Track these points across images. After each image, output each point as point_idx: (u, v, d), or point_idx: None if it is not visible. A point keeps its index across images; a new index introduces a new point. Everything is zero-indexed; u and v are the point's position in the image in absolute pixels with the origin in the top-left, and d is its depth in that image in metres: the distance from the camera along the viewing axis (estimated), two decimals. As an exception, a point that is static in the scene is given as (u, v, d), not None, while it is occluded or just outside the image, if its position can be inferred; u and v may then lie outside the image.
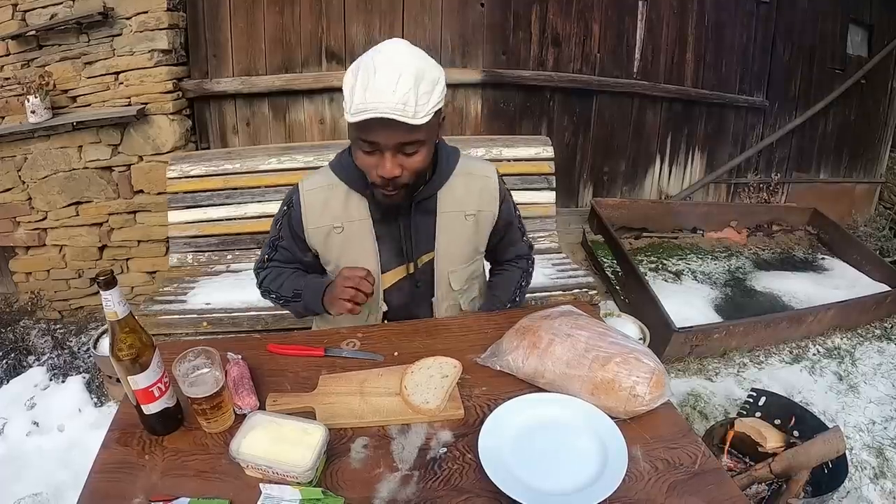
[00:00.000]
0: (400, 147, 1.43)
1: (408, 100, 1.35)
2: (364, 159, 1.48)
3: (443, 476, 1.13)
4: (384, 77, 1.35)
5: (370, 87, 1.35)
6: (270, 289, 1.81)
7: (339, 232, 1.69)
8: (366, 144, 1.44)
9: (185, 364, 1.24)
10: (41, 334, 3.80)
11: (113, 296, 1.12)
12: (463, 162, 1.75)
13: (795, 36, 4.85)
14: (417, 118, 1.37)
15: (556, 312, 1.44)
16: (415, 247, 1.71)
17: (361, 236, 1.69)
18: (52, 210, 3.82)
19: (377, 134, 1.40)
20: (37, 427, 2.99)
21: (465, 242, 1.76)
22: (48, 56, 3.57)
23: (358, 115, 1.36)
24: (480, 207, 1.75)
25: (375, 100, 1.34)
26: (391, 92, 1.34)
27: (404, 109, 1.35)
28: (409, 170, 1.48)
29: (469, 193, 1.73)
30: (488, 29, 4.09)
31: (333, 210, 1.68)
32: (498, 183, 1.79)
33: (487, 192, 1.76)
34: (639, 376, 1.24)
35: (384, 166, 1.44)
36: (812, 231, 5.12)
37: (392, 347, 1.50)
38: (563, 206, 4.53)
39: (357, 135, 1.45)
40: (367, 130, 1.41)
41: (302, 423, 1.16)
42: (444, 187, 1.69)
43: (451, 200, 1.71)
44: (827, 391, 3.30)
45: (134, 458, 1.20)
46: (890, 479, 2.71)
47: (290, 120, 4.08)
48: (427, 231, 1.71)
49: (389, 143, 1.41)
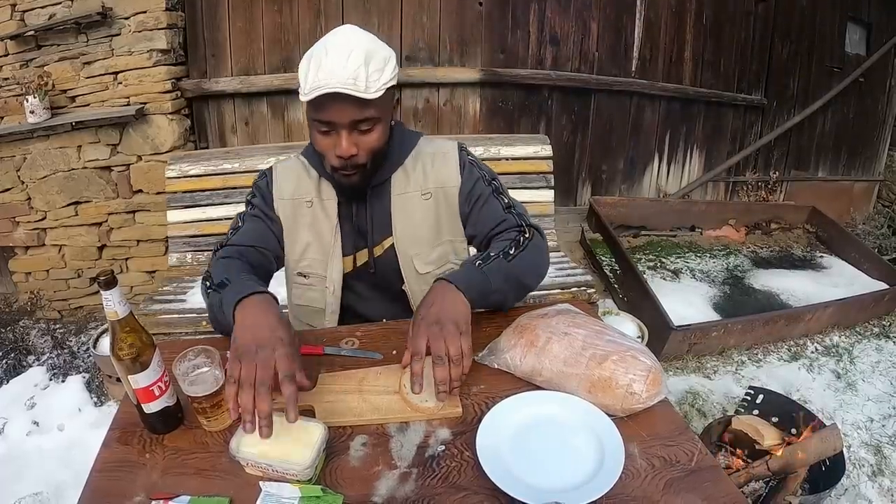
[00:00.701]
0: (354, 125, 1.46)
1: (358, 75, 1.38)
2: (321, 141, 1.50)
3: (441, 473, 1.13)
4: (335, 55, 1.39)
5: (322, 66, 1.39)
6: (209, 273, 1.50)
7: (308, 206, 1.69)
8: (321, 125, 1.47)
9: (184, 363, 1.24)
10: (41, 334, 3.80)
11: (113, 295, 1.12)
12: (421, 144, 1.74)
13: (794, 34, 4.86)
14: (369, 93, 1.40)
15: (554, 311, 1.45)
16: (373, 232, 1.70)
17: (328, 216, 1.69)
18: (52, 210, 3.83)
19: (330, 112, 1.43)
20: (37, 427, 3.00)
21: (425, 223, 1.71)
22: (47, 56, 3.58)
23: (311, 94, 1.39)
24: (439, 184, 1.71)
25: (327, 77, 1.38)
26: (342, 68, 1.38)
27: (355, 84, 1.38)
28: (364, 149, 1.50)
29: (424, 174, 1.71)
30: (486, 28, 4.09)
31: (305, 186, 1.70)
32: (458, 156, 1.73)
33: (445, 166, 1.72)
34: (635, 374, 1.24)
35: (340, 145, 1.46)
36: (810, 229, 5.13)
37: (391, 346, 1.50)
38: (562, 204, 4.54)
39: (312, 115, 1.47)
40: (320, 109, 1.43)
41: (301, 420, 1.16)
42: (398, 170, 1.69)
43: (405, 182, 1.70)
44: (825, 389, 3.31)
45: (134, 456, 1.20)
46: (888, 476, 2.72)
47: (289, 119, 4.09)
48: (383, 216, 1.70)
49: (343, 120, 1.44)
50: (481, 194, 1.71)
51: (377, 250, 1.72)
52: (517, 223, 1.65)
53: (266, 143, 3.99)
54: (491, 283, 1.46)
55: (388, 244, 1.72)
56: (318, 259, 1.72)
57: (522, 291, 1.62)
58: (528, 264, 1.57)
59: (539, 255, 1.62)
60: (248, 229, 1.69)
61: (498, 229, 1.67)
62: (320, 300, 1.75)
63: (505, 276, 1.51)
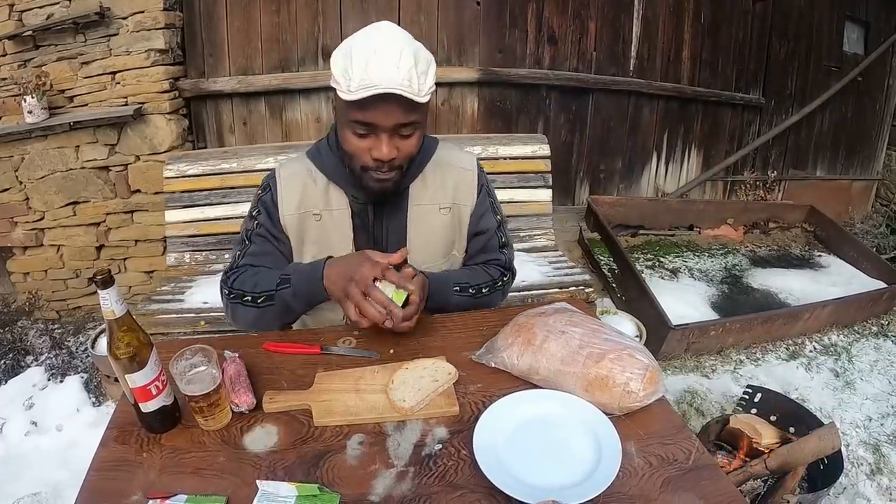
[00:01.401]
0: (397, 129, 1.42)
1: (411, 76, 1.34)
2: (356, 142, 1.45)
3: (438, 472, 1.13)
4: (386, 54, 1.34)
5: (371, 64, 1.33)
6: (242, 291, 1.57)
7: (317, 220, 1.65)
8: (361, 126, 1.41)
9: (182, 362, 1.24)
10: (39, 334, 3.80)
11: (110, 295, 1.12)
12: (440, 152, 1.71)
13: (792, 33, 4.86)
14: (420, 95, 1.36)
15: (551, 310, 1.45)
16: (388, 243, 1.68)
17: (340, 227, 1.65)
18: (50, 210, 3.82)
19: (376, 113, 1.38)
20: (35, 427, 3.00)
21: (439, 236, 1.72)
22: (45, 56, 3.57)
23: (361, 92, 1.33)
24: (456, 200, 1.71)
25: (379, 76, 1.32)
26: (395, 68, 1.33)
27: (410, 86, 1.34)
28: (403, 153, 1.47)
29: (444, 185, 1.70)
30: (484, 27, 4.09)
31: (312, 197, 1.64)
32: (477, 176, 1.74)
33: (464, 185, 1.72)
34: (632, 373, 1.24)
35: (380, 148, 1.42)
36: (809, 228, 5.13)
37: (388, 345, 1.50)
38: (560, 203, 4.54)
39: (352, 116, 1.40)
40: (365, 110, 1.38)
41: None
42: (417, 179, 1.67)
43: (423, 193, 1.68)
44: (823, 388, 3.32)
45: (132, 456, 1.20)
46: (886, 475, 2.72)
47: (287, 119, 4.08)
48: (399, 226, 1.68)
49: (388, 123, 1.39)
50: (489, 227, 1.77)
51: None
52: (504, 264, 1.80)
53: (264, 143, 3.98)
54: (449, 306, 1.65)
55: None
56: None
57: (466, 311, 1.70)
58: (487, 302, 1.74)
59: (500, 297, 1.80)
60: (257, 251, 1.66)
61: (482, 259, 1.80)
62: (329, 308, 1.69)
63: (463, 307, 1.68)
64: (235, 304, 1.58)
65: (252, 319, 1.60)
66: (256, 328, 1.63)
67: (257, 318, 1.58)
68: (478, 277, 1.70)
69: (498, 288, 1.74)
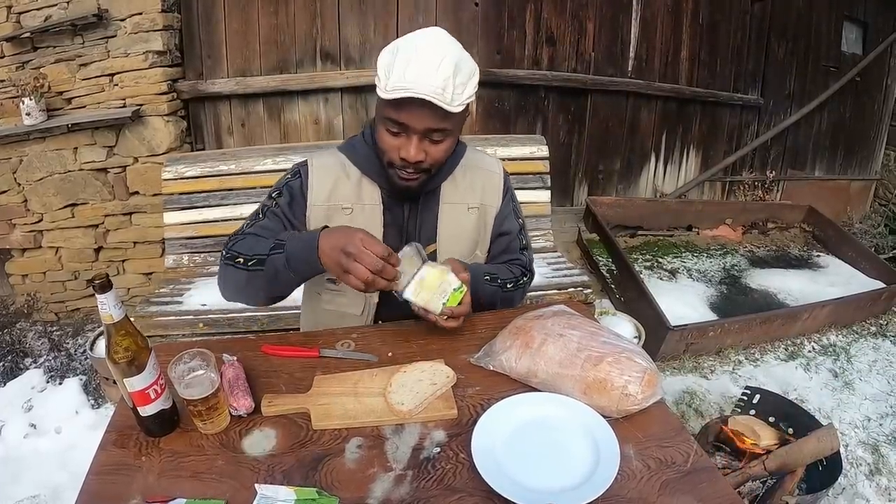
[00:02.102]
0: (428, 133, 1.44)
1: (447, 85, 1.36)
2: (388, 139, 1.47)
3: (436, 476, 1.13)
4: (426, 59, 1.36)
5: (411, 66, 1.35)
6: (237, 252, 1.52)
7: (347, 213, 1.64)
8: (394, 125, 1.44)
9: (180, 366, 1.24)
10: (38, 336, 3.80)
11: (108, 299, 1.12)
12: (469, 155, 1.75)
13: (790, 34, 4.87)
14: (453, 105, 1.38)
15: (549, 312, 1.45)
16: (419, 238, 1.68)
17: (371, 221, 1.65)
18: (48, 212, 3.81)
19: (409, 115, 1.40)
20: (34, 429, 2.99)
21: (466, 235, 1.75)
22: (43, 58, 3.57)
23: (395, 93, 1.36)
24: (483, 201, 1.75)
25: (415, 80, 1.34)
26: (433, 74, 1.35)
27: (443, 94, 1.36)
28: (431, 157, 1.49)
29: (472, 186, 1.73)
30: (483, 28, 4.09)
31: (343, 192, 1.65)
32: (503, 179, 1.79)
33: (491, 187, 1.76)
34: (631, 375, 1.24)
35: (408, 150, 1.44)
36: (807, 228, 5.14)
37: (387, 348, 1.50)
38: (559, 204, 4.54)
39: (387, 114, 1.43)
40: (399, 110, 1.40)
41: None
42: (448, 179, 1.70)
43: (454, 192, 1.71)
44: (822, 388, 3.32)
45: (131, 459, 1.20)
46: (885, 475, 2.73)
47: (285, 120, 4.08)
48: (430, 222, 1.70)
49: (419, 126, 1.42)
50: (511, 230, 1.81)
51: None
52: (524, 265, 1.83)
53: (262, 145, 3.98)
54: (478, 294, 1.60)
55: (429, 251, 1.71)
56: None
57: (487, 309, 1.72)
58: (509, 300, 1.78)
59: (521, 295, 1.84)
60: (268, 226, 1.62)
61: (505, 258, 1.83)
62: (351, 305, 1.72)
63: (491, 299, 1.69)
64: (227, 266, 1.53)
65: (241, 284, 1.54)
66: (244, 297, 1.60)
67: (246, 284, 1.52)
68: (503, 272, 1.74)
69: (520, 286, 1.78)
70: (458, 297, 1.42)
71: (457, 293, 1.42)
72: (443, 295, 1.41)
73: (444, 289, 1.41)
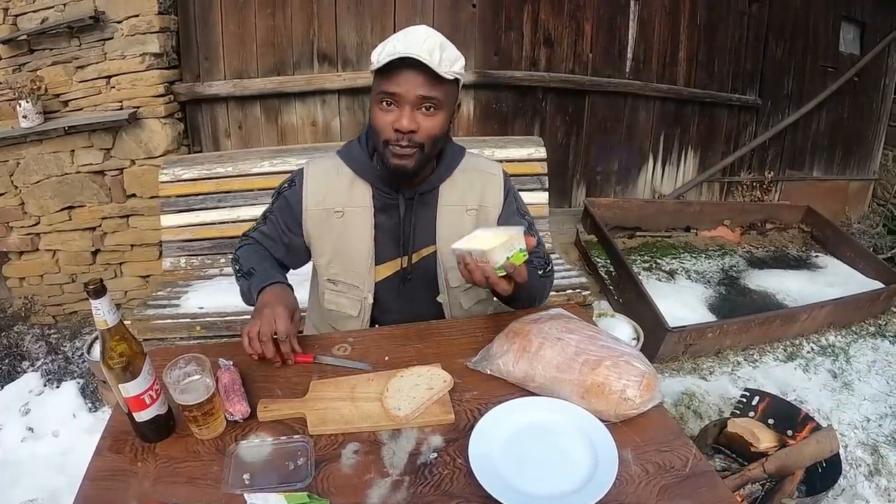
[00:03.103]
0: (419, 102, 1.47)
1: (434, 52, 1.43)
2: (382, 116, 1.50)
3: (433, 481, 1.13)
4: (415, 33, 1.46)
5: (401, 39, 1.44)
6: (237, 257, 1.76)
7: (339, 216, 1.69)
8: (387, 97, 1.48)
9: (175, 371, 1.24)
10: (35, 339, 3.79)
11: (102, 304, 1.12)
12: (468, 159, 1.77)
13: (788, 34, 4.87)
14: (440, 69, 1.43)
15: (547, 316, 1.45)
16: (414, 240, 1.71)
17: (362, 224, 1.69)
18: (45, 215, 3.81)
19: (399, 81, 1.45)
20: (31, 433, 2.98)
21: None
22: (40, 60, 3.56)
23: (387, 57, 1.42)
24: (483, 203, 1.75)
25: (405, 46, 1.42)
26: (421, 42, 1.43)
27: (430, 57, 1.42)
28: (424, 130, 1.51)
29: (471, 189, 1.74)
30: (480, 29, 4.08)
31: (336, 194, 1.69)
32: (503, 180, 1.80)
33: (491, 189, 1.77)
34: (629, 380, 1.24)
35: (401, 120, 1.47)
36: (805, 229, 5.13)
37: (383, 352, 1.50)
38: (557, 206, 4.53)
39: (380, 87, 1.48)
40: (390, 79, 1.45)
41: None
42: (446, 181, 1.71)
43: (452, 194, 1.72)
44: (821, 389, 3.32)
45: (126, 465, 1.20)
46: (885, 476, 2.72)
47: (283, 122, 4.07)
48: (427, 224, 1.72)
49: (410, 93, 1.45)
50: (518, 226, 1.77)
51: (414, 257, 1.73)
52: (543, 257, 1.80)
53: (260, 147, 3.97)
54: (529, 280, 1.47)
55: (426, 252, 1.73)
56: (348, 269, 1.72)
57: (528, 304, 1.73)
58: (543, 288, 1.78)
59: (549, 287, 1.84)
60: (267, 232, 1.79)
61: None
62: (349, 306, 1.76)
63: (534, 285, 1.66)
64: (233, 264, 1.77)
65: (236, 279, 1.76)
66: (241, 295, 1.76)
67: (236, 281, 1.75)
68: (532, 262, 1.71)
69: (547, 274, 1.79)
70: (520, 259, 1.36)
71: (521, 254, 1.36)
72: (509, 249, 1.34)
73: (512, 244, 1.35)
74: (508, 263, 1.33)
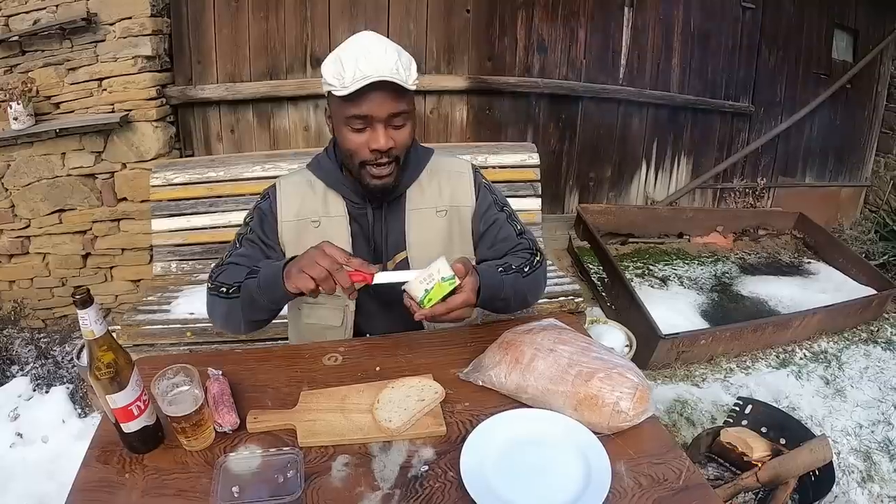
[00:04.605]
0: (390, 119, 1.49)
1: (398, 67, 1.44)
2: (354, 138, 1.50)
3: (424, 494, 1.12)
4: (372, 50, 1.44)
5: (360, 59, 1.42)
6: (221, 282, 1.57)
7: (316, 226, 1.69)
8: (357, 121, 1.48)
9: (164, 382, 1.23)
10: (24, 343, 3.75)
11: (90, 314, 1.10)
12: (435, 159, 1.78)
13: (781, 41, 4.88)
14: (408, 83, 1.46)
15: (539, 327, 1.44)
16: (387, 246, 1.71)
17: (338, 232, 1.68)
18: (36, 218, 3.78)
19: (370, 105, 1.45)
20: (20, 438, 2.96)
21: (437, 240, 1.73)
22: (31, 62, 3.54)
23: (356, 84, 1.41)
24: (453, 203, 1.75)
25: (371, 67, 1.41)
26: (383, 58, 1.43)
27: (398, 73, 1.43)
28: (399, 143, 1.53)
29: (440, 190, 1.74)
30: (474, 35, 4.08)
31: (311, 205, 1.69)
32: (472, 177, 1.79)
33: (460, 187, 1.76)
34: (622, 392, 1.23)
35: (377, 139, 1.48)
36: (798, 235, 5.15)
37: (374, 362, 1.49)
38: (550, 212, 4.53)
39: (348, 112, 1.47)
40: (359, 103, 1.45)
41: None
42: (413, 185, 1.71)
43: (420, 198, 1.72)
44: (814, 395, 3.32)
45: (114, 476, 1.19)
46: (878, 482, 2.73)
47: (275, 127, 4.06)
48: (397, 230, 1.71)
49: (382, 113, 1.46)
50: (496, 219, 1.77)
51: (389, 265, 1.72)
52: (529, 247, 1.74)
53: (252, 151, 3.96)
54: (503, 290, 1.53)
55: (399, 258, 1.72)
56: None
57: (522, 306, 1.69)
58: (535, 284, 1.69)
59: (544, 278, 1.75)
60: (245, 253, 1.67)
61: (513, 251, 1.74)
62: (330, 317, 1.74)
63: (515, 289, 1.59)
64: (214, 297, 1.60)
65: (223, 315, 1.60)
66: (228, 326, 1.64)
67: (227, 314, 1.59)
68: (514, 260, 1.67)
69: (536, 266, 1.69)
70: (445, 290, 1.31)
71: (445, 284, 1.31)
72: (428, 280, 1.31)
73: (431, 274, 1.31)
74: (433, 306, 1.32)
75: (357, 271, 1.36)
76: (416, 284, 1.31)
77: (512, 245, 1.74)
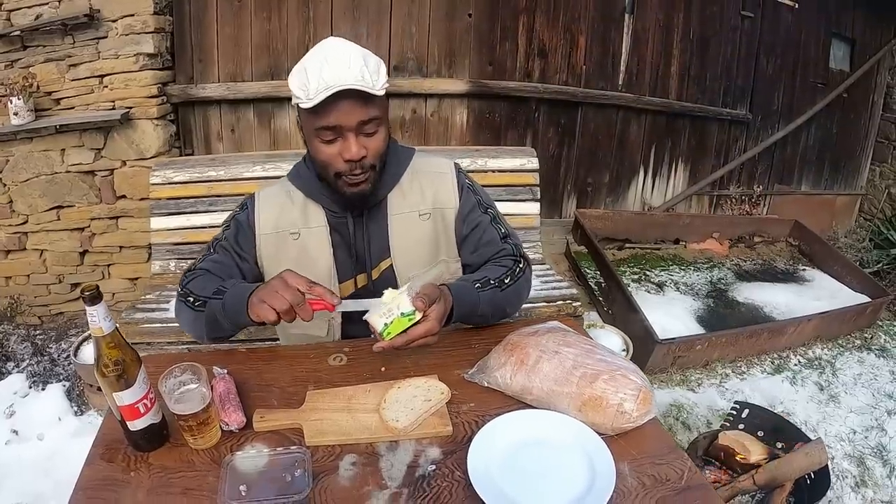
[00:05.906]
0: (361, 127, 1.46)
1: (363, 73, 1.41)
2: (325, 150, 1.49)
3: (431, 494, 1.12)
4: (335, 57, 1.42)
5: (324, 69, 1.40)
6: (190, 290, 1.57)
7: (295, 238, 1.67)
8: (327, 132, 1.46)
9: (171, 380, 1.23)
10: (20, 340, 3.75)
11: (98, 311, 1.10)
12: (416, 161, 1.74)
13: (779, 50, 4.92)
14: (375, 89, 1.43)
15: (544, 329, 1.44)
16: (370, 255, 1.69)
17: (319, 243, 1.67)
18: (34, 214, 3.77)
19: (338, 115, 1.43)
20: (16, 435, 2.95)
21: (423, 244, 1.71)
22: (32, 57, 3.53)
23: (320, 95, 1.39)
24: (436, 205, 1.72)
25: (334, 77, 1.39)
26: (346, 67, 1.40)
27: (363, 80, 1.41)
28: (372, 151, 1.50)
29: (422, 192, 1.71)
30: (475, 39, 4.10)
31: (290, 217, 1.68)
32: (455, 177, 1.76)
33: (443, 188, 1.73)
34: (626, 393, 1.24)
35: (349, 149, 1.46)
36: (793, 242, 5.18)
37: (380, 363, 1.49)
38: (548, 216, 4.54)
39: (316, 123, 1.46)
40: (327, 114, 1.43)
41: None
42: (394, 189, 1.69)
43: (401, 202, 1.69)
44: (808, 401, 3.34)
45: (119, 474, 1.18)
46: (871, 487, 2.75)
47: (275, 127, 4.06)
48: (380, 237, 1.69)
49: (351, 122, 1.44)
50: (480, 222, 1.74)
51: (374, 273, 1.70)
52: (513, 253, 1.72)
53: (252, 151, 3.96)
54: (479, 307, 1.55)
55: (384, 266, 1.70)
56: None
57: (502, 317, 1.68)
58: (515, 295, 1.66)
59: (526, 287, 1.72)
60: (218, 260, 1.67)
61: (496, 258, 1.72)
62: (316, 328, 1.71)
63: (493, 304, 1.59)
64: (181, 303, 1.59)
65: (189, 322, 1.60)
66: (192, 333, 1.62)
67: (192, 322, 1.58)
68: (494, 272, 1.64)
69: (518, 276, 1.66)
70: (403, 324, 1.32)
71: (404, 319, 1.32)
72: (388, 314, 1.32)
73: (391, 309, 1.32)
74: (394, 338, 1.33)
75: (319, 300, 1.36)
76: (375, 318, 1.33)
77: (495, 250, 1.73)
